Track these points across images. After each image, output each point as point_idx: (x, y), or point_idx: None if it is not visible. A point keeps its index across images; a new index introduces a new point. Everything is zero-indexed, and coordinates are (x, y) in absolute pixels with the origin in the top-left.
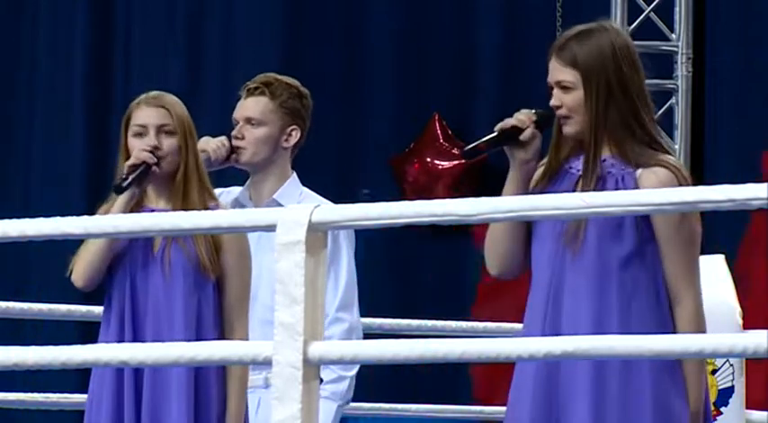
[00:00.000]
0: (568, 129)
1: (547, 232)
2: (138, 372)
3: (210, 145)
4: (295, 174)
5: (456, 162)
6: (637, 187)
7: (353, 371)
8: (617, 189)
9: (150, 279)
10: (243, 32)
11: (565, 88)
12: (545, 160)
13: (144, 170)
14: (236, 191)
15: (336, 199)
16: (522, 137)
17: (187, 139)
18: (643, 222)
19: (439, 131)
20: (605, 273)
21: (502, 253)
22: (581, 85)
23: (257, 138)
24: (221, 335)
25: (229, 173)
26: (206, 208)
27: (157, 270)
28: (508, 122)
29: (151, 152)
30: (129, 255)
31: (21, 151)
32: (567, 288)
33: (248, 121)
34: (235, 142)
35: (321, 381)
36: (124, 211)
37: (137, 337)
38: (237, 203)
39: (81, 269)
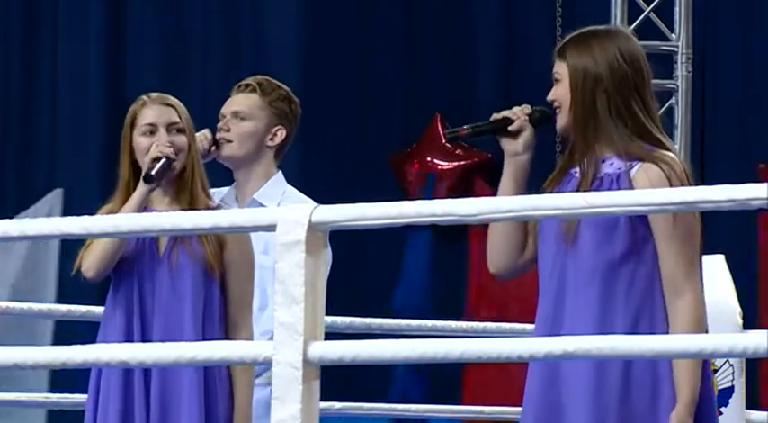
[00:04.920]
0: (558, 122)
1: (549, 233)
2: (147, 372)
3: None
4: (280, 173)
5: (458, 163)
6: (631, 186)
7: None
8: (610, 189)
9: (157, 280)
10: (264, 33)
11: (556, 81)
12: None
13: (166, 164)
14: (224, 191)
15: (338, 198)
16: (511, 127)
17: (192, 137)
18: (639, 221)
19: (441, 132)
20: (604, 273)
21: (500, 252)
22: (567, 76)
23: (243, 132)
24: (226, 332)
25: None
26: (208, 208)
27: (164, 271)
28: (501, 113)
29: (171, 151)
30: (135, 255)
31: (43, 155)
32: (568, 289)
33: (235, 114)
34: (220, 134)
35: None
36: (140, 205)
37: (145, 338)
38: (223, 204)
39: (94, 261)
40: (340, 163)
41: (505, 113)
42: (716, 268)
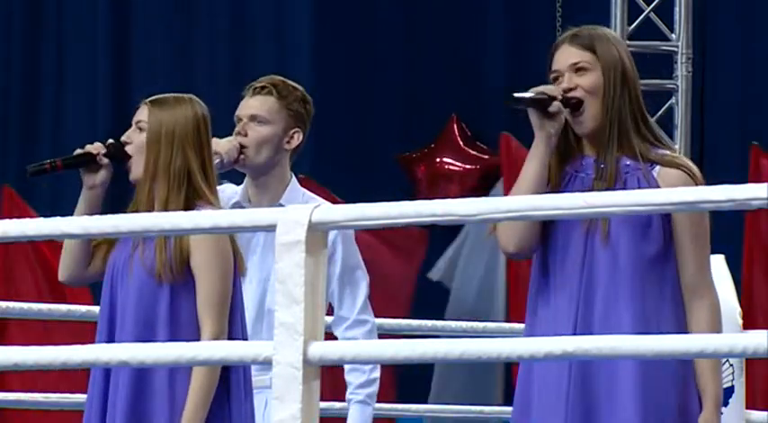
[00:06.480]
0: (584, 118)
1: (569, 227)
2: (107, 375)
3: (222, 146)
4: (294, 176)
5: (472, 166)
6: (658, 185)
7: (379, 372)
8: (640, 188)
9: (123, 282)
10: (270, 33)
11: (581, 70)
12: None
13: (86, 160)
14: (229, 189)
15: (349, 199)
16: (551, 108)
17: (161, 138)
18: (667, 221)
19: (457, 133)
20: (643, 271)
21: (521, 228)
22: (599, 67)
23: (261, 136)
24: (184, 339)
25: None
26: (187, 208)
27: (125, 274)
28: (540, 88)
29: (109, 145)
30: (116, 256)
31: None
32: (599, 285)
33: (253, 118)
34: (237, 139)
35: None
36: (83, 205)
37: (110, 340)
38: (237, 205)
39: (60, 266)
40: (348, 163)
41: (542, 90)
42: (716, 268)
